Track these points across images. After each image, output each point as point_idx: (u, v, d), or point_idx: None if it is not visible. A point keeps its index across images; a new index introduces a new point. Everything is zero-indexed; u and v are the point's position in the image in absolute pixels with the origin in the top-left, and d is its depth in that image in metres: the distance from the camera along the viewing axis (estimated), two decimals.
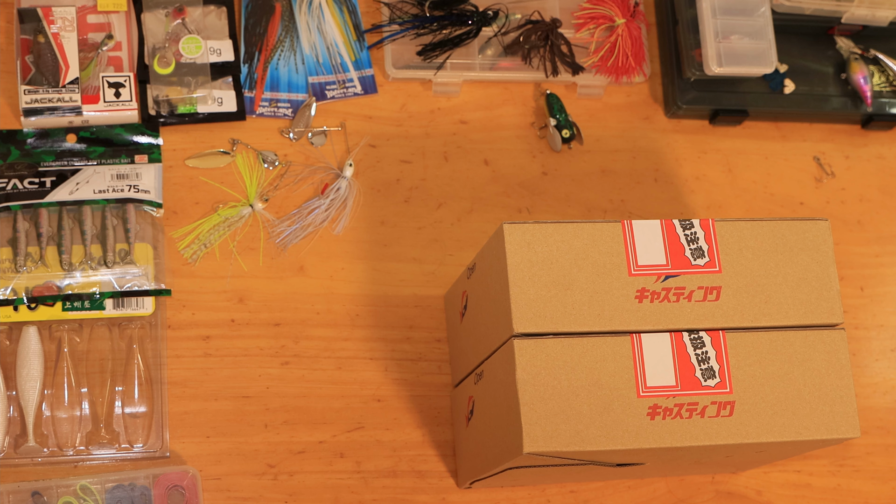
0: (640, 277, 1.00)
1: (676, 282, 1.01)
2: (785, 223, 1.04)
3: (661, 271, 1.01)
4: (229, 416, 1.15)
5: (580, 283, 1.00)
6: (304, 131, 1.23)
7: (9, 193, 1.15)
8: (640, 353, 0.99)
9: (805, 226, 1.04)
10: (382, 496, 1.16)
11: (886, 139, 1.34)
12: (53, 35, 1.18)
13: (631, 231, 1.01)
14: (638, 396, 0.98)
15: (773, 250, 1.03)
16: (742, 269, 1.02)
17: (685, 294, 1.01)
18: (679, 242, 1.02)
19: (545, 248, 1.00)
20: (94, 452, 1.12)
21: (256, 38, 1.25)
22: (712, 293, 1.01)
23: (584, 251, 1.00)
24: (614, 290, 1.00)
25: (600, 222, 1.01)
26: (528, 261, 0.99)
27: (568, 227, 1.01)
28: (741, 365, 1.00)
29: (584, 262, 1.00)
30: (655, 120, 1.31)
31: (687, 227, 1.02)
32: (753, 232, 1.03)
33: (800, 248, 1.03)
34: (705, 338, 1.00)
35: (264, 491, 1.14)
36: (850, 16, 1.30)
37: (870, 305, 1.29)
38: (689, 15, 1.28)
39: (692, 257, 1.01)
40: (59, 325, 1.13)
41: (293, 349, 1.18)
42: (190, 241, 1.18)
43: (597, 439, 0.97)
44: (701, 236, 1.02)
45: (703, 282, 1.01)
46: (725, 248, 1.02)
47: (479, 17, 1.27)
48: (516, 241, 0.99)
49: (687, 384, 0.99)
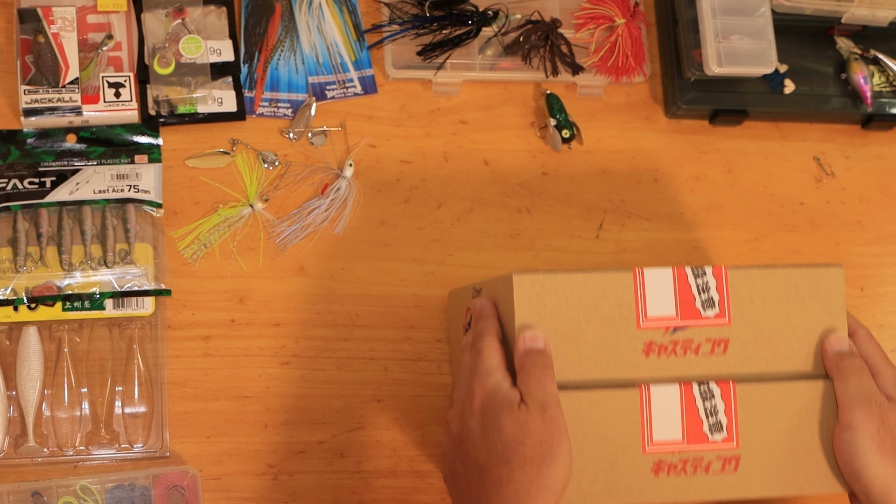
0: (649, 331, 0.98)
1: (685, 334, 0.99)
2: (798, 271, 1.01)
3: (670, 323, 0.99)
4: (229, 416, 1.15)
5: (588, 336, 0.98)
6: (304, 131, 1.23)
7: (9, 193, 1.15)
8: (649, 405, 0.97)
9: (819, 273, 1.01)
10: (382, 496, 1.16)
11: (886, 139, 1.34)
12: (53, 35, 1.18)
13: (642, 281, 0.99)
14: (643, 452, 0.97)
15: (784, 299, 1.00)
16: (752, 319, 1.00)
17: (692, 347, 0.99)
18: (690, 292, 0.99)
19: (554, 301, 0.97)
20: (94, 452, 1.12)
21: (256, 38, 1.25)
22: (720, 345, 0.99)
23: (594, 303, 0.98)
24: (622, 344, 0.98)
25: (612, 272, 0.99)
26: (537, 314, 0.97)
27: (578, 278, 0.98)
28: (750, 418, 0.98)
29: (593, 315, 0.98)
30: (655, 120, 1.31)
31: (699, 274, 0.99)
32: (766, 280, 1.00)
33: (811, 296, 1.01)
34: (715, 389, 0.98)
35: (264, 491, 1.14)
36: (850, 16, 1.30)
37: (870, 305, 1.29)
38: (689, 15, 1.28)
39: (702, 308, 0.99)
40: (59, 325, 1.13)
41: (293, 349, 1.18)
42: (190, 241, 1.18)
43: (600, 497, 0.96)
44: (713, 285, 0.99)
45: (712, 334, 0.99)
46: (737, 298, 1.00)
47: (479, 17, 1.27)
48: (525, 293, 0.97)
49: (693, 438, 0.98)
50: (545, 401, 0.93)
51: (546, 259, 1.24)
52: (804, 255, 1.29)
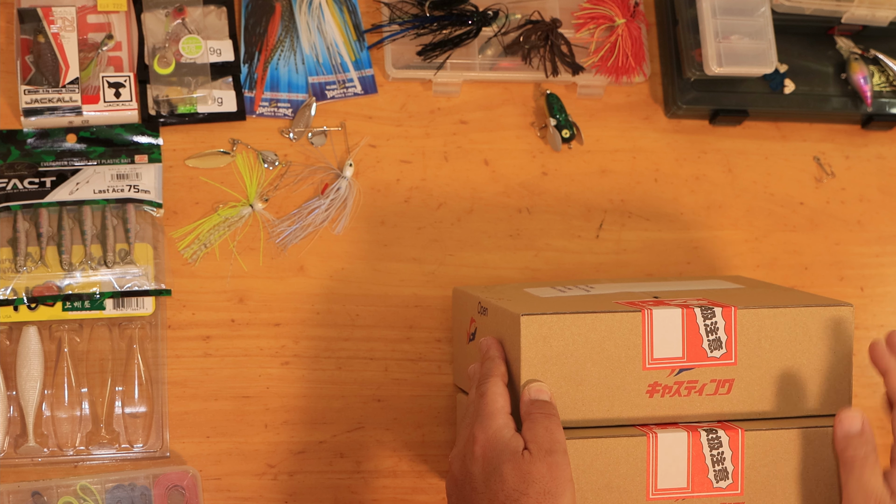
0: (654, 371, 0.97)
1: (689, 375, 0.98)
2: (809, 311, 1.00)
3: (676, 364, 0.98)
4: (229, 416, 1.15)
5: (592, 377, 0.97)
6: (304, 131, 1.23)
7: (9, 193, 1.15)
8: (655, 453, 0.96)
9: (829, 312, 1.00)
10: (382, 496, 1.16)
11: (886, 139, 1.34)
12: (53, 35, 1.18)
13: (650, 322, 0.97)
14: (647, 499, 0.96)
15: (792, 339, 0.99)
16: (757, 360, 0.99)
17: (697, 387, 0.98)
18: (698, 333, 0.98)
19: (561, 342, 0.97)
20: (94, 452, 1.12)
21: (256, 38, 1.25)
22: (724, 386, 0.98)
23: (601, 344, 0.97)
24: (626, 384, 0.97)
25: (620, 312, 0.97)
26: (543, 355, 0.96)
27: (586, 319, 0.97)
28: (756, 465, 0.97)
29: (599, 356, 0.97)
30: (655, 120, 1.30)
31: (708, 315, 0.98)
32: (775, 320, 0.99)
33: (819, 336, 1.00)
34: (723, 437, 0.97)
35: (264, 491, 1.14)
36: (850, 16, 1.30)
37: (870, 305, 1.29)
38: (689, 15, 1.28)
39: (709, 349, 0.98)
40: (59, 325, 1.13)
41: (293, 349, 1.18)
42: (190, 241, 1.18)
43: None
44: (721, 326, 0.98)
45: (717, 374, 0.98)
46: (744, 339, 0.98)
47: (479, 17, 1.27)
48: (533, 334, 0.96)
49: (698, 486, 0.97)
50: (552, 448, 0.92)
51: (546, 259, 1.24)
52: (804, 255, 1.29)
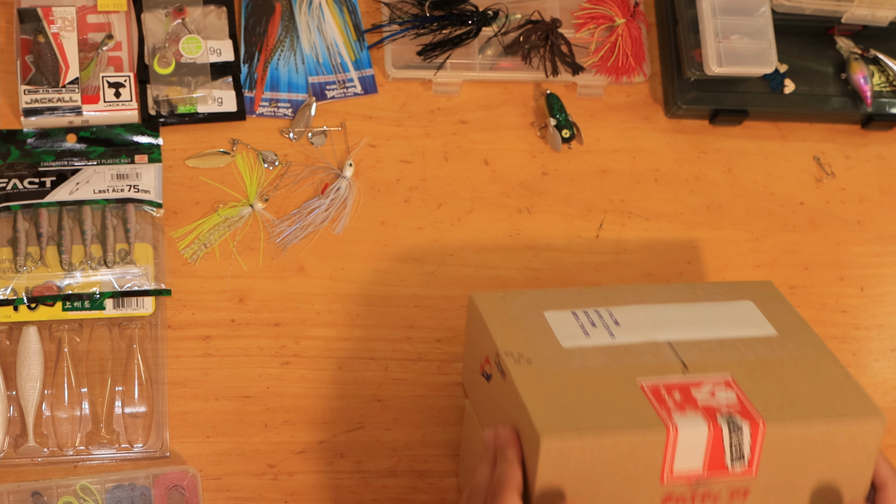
0: (671, 485, 0.94)
1: (707, 486, 0.94)
2: (837, 425, 0.95)
3: (695, 477, 0.94)
4: (229, 416, 1.15)
5: (607, 493, 0.93)
6: (304, 131, 1.23)
7: (9, 193, 1.15)
8: None
9: (858, 426, 0.95)
10: (382, 496, 1.16)
11: (886, 139, 1.34)
12: (53, 35, 1.18)
13: (675, 439, 0.92)
14: None
15: (816, 454, 0.95)
16: (777, 471, 0.95)
17: (711, 495, 0.95)
18: (721, 447, 0.94)
19: (580, 459, 0.91)
20: (94, 452, 1.12)
21: (256, 38, 1.25)
22: (740, 494, 0.95)
23: (620, 462, 0.92)
24: (641, 498, 0.93)
25: (644, 430, 0.92)
26: (559, 472, 0.92)
27: (608, 439, 0.91)
28: None
29: (616, 474, 0.92)
30: (655, 120, 1.31)
31: (734, 429, 0.94)
32: (803, 434, 0.94)
33: (846, 449, 0.95)
34: None
35: (264, 491, 1.14)
36: (850, 16, 1.30)
37: (870, 305, 1.29)
38: (689, 15, 1.28)
39: (731, 463, 0.94)
40: (59, 325, 1.13)
41: (293, 349, 1.18)
42: (190, 241, 1.18)
43: None
44: (747, 443, 0.94)
45: (734, 484, 0.95)
46: (768, 452, 0.94)
47: (479, 17, 1.27)
48: (552, 456, 0.91)
49: None
50: None
51: (546, 259, 1.24)
52: (804, 255, 1.29)
